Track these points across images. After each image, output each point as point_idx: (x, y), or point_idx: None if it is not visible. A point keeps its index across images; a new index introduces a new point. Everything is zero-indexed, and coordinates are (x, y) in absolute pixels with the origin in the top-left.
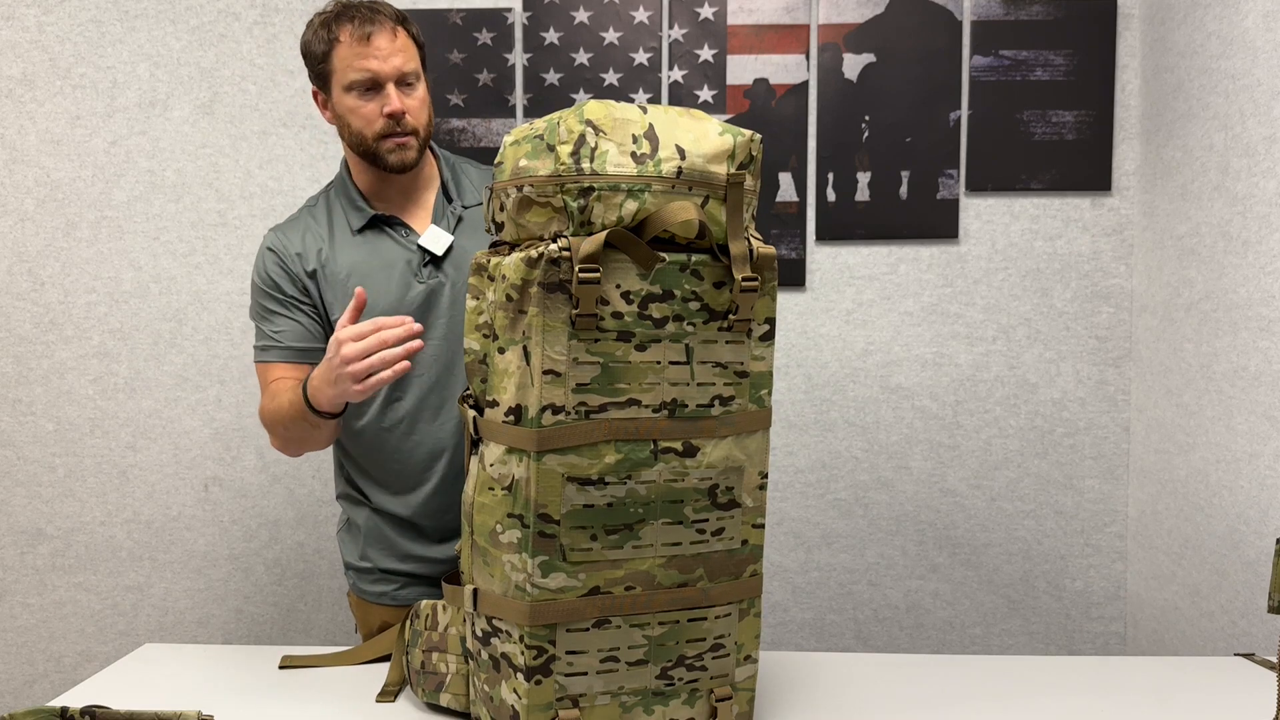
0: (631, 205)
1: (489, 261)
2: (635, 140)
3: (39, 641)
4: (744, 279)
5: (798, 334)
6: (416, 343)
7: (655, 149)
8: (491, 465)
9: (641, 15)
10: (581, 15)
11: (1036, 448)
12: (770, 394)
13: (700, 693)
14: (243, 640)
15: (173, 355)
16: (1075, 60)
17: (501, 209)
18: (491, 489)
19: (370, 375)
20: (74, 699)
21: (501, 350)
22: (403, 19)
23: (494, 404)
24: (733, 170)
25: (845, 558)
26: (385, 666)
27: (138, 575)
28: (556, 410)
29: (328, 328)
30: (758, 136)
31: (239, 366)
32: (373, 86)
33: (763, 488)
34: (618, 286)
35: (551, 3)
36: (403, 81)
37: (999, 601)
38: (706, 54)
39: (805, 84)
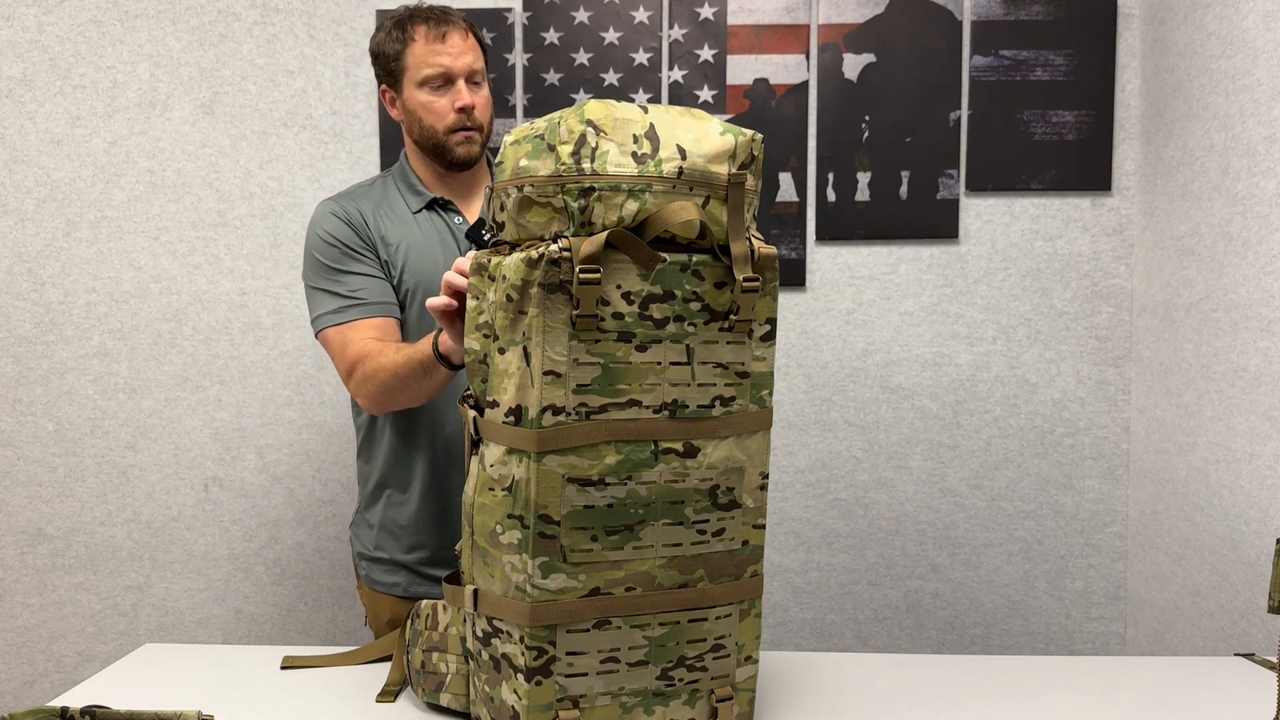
0: (632, 205)
1: (489, 262)
2: (636, 140)
3: (39, 641)
4: (745, 279)
5: (798, 334)
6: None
7: (656, 149)
8: (492, 466)
9: (641, 15)
10: (581, 15)
11: (1036, 448)
12: (771, 394)
13: (701, 693)
14: (243, 640)
15: (173, 355)
16: (1075, 60)
17: (502, 209)
18: (492, 490)
19: None
20: (74, 699)
21: (502, 351)
22: (471, 24)
23: (494, 404)
24: (734, 170)
25: (845, 558)
26: (386, 666)
27: (138, 575)
28: (557, 411)
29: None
30: (759, 136)
31: (239, 366)
32: (445, 83)
33: (763, 488)
34: (618, 287)
35: (551, 3)
36: (471, 79)
37: (999, 601)
38: (706, 54)
39: (805, 84)
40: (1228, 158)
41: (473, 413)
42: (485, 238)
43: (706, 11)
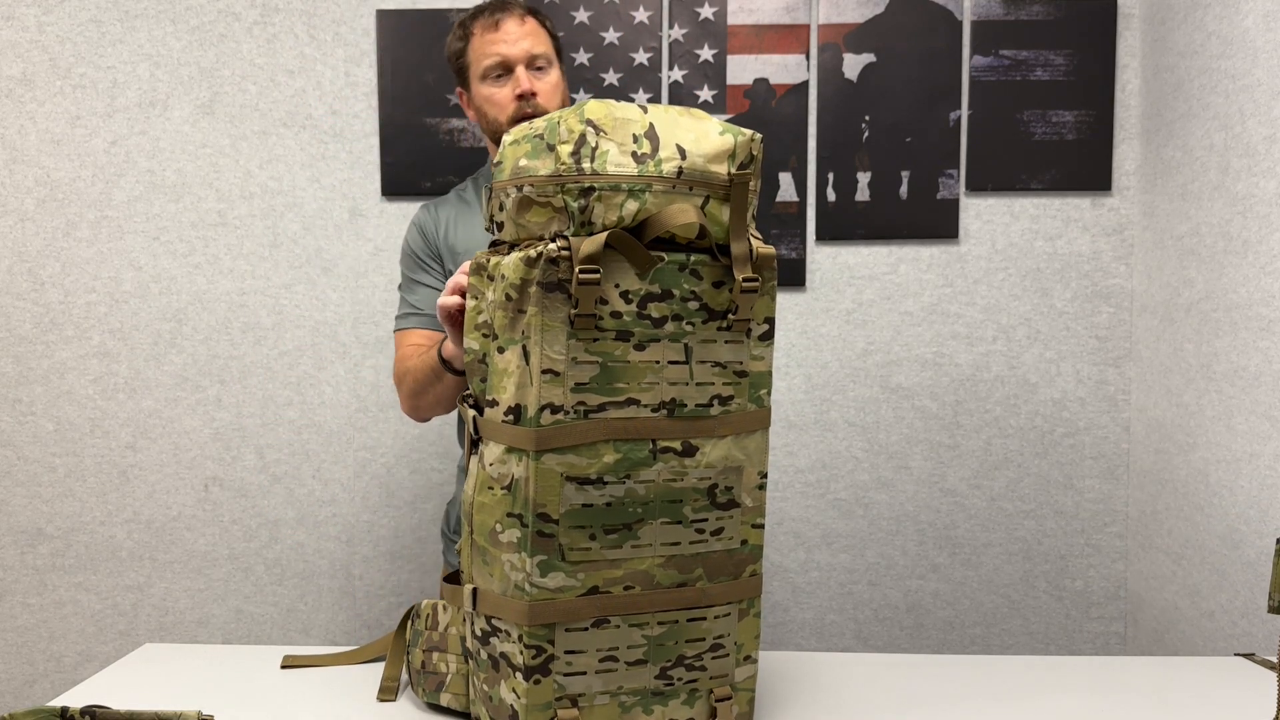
0: (632, 205)
1: (488, 261)
2: (636, 140)
3: (39, 641)
4: (744, 279)
5: (798, 334)
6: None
7: (656, 149)
8: (491, 465)
9: (641, 15)
10: (581, 15)
11: (1036, 448)
12: (769, 394)
13: (700, 693)
14: (243, 640)
15: (173, 355)
16: (1075, 60)
17: (501, 209)
18: (491, 488)
19: None
20: (74, 699)
21: (501, 350)
22: (534, 9)
23: (493, 403)
24: (734, 170)
25: (845, 558)
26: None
27: (138, 575)
28: (555, 410)
29: None
30: (758, 136)
31: (239, 366)
32: (504, 72)
33: (762, 488)
34: (616, 286)
35: (551, 2)
36: (533, 65)
37: (999, 601)
38: (706, 54)
39: (805, 84)
40: (1228, 158)
41: (472, 412)
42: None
43: (706, 11)
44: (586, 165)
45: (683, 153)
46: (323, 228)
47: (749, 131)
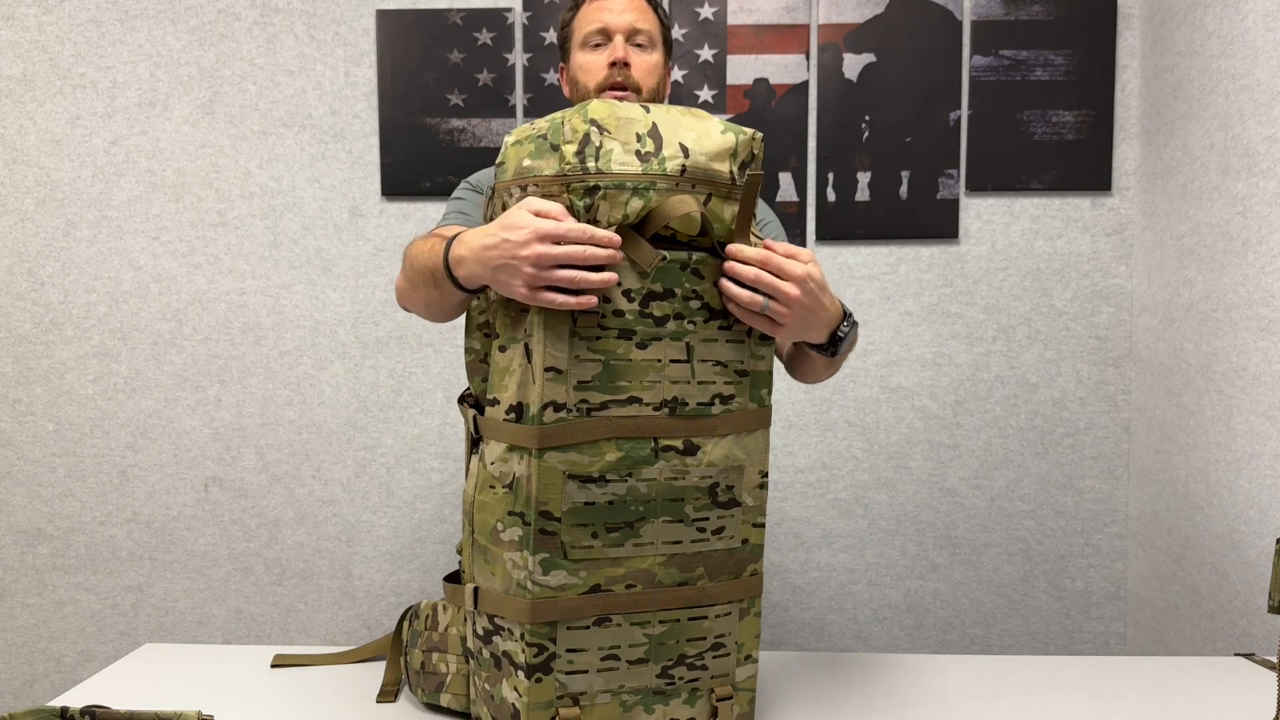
0: (637, 203)
1: None
2: (639, 139)
3: (39, 641)
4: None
5: None
6: (613, 276)
7: (659, 147)
8: (492, 463)
9: None
10: None
11: (1036, 448)
12: (770, 393)
13: (701, 692)
14: (243, 640)
15: (173, 355)
16: (1075, 60)
17: (504, 209)
18: (492, 487)
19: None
20: (74, 699)
21: (502, 348)
22: None
23: (494, 402)
24: (735, 168)
25: (845, 558)
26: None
27: (138, 575)
28: (558, 408)
29: None
30: (759, 135)
31: (239, 366)
32: (603, 40)
33: (763, 487)
34: (619, 285)
35: (551, 3)
36: (634, 39)
37: (999, 601)
38: (706, 54)
39: (805, 84)
40: (1228, 158)
41: (472, 411)
42: None
43: (706, 11)
44: (591, 164)
45: (686, 151)
46: (323, 228)
47: (750, 130)
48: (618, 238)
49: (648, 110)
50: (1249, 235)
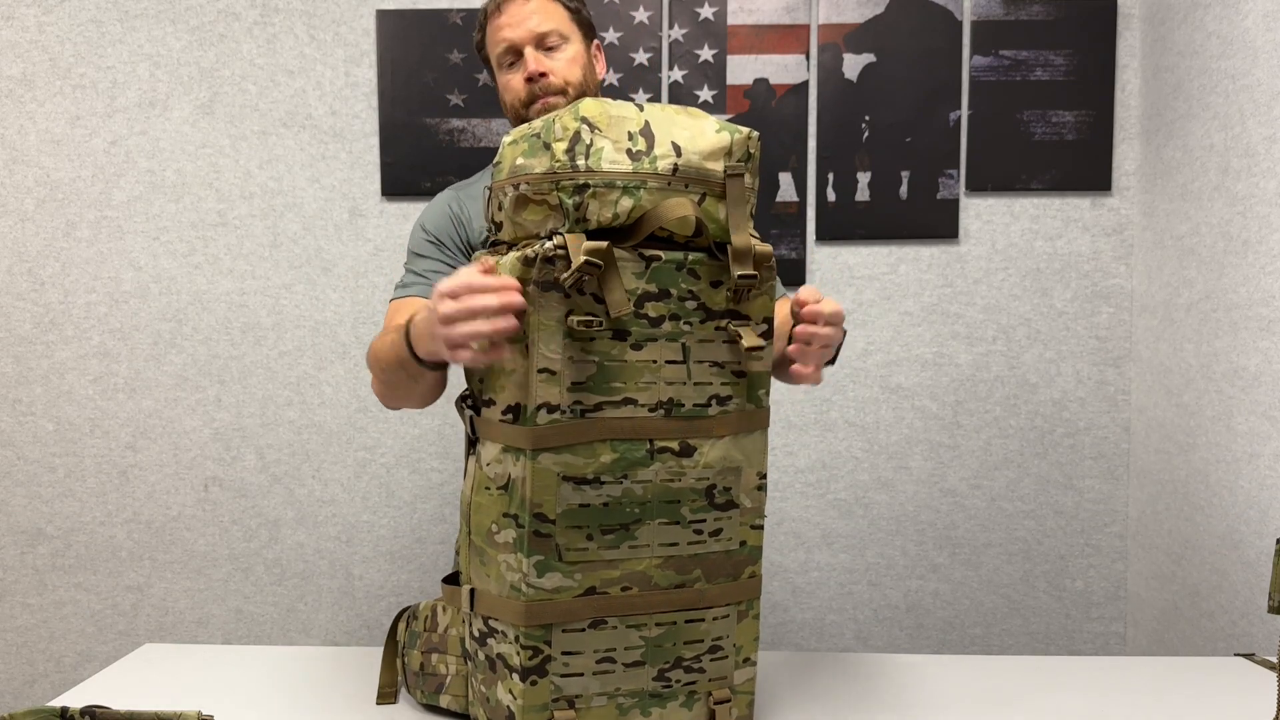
0: (627, 202)
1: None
2: (631, 137)
3: (39, 641)
4: (740, 275)
5: None
6: (509, 321)
7: (651, 146)
8: (488, 464)
9: (641, 15)
10: None
11: (1036, 448)
12: (768, 394)
13: (698, 695)
14: (243, 640)
15: (173, 355)
16: (1075, 60)
17: (500, 208)
18: (488, 488)
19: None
20: (74, 699)
21: None
22: None
23: (490, 403)
24: (729, 168)
25: (845, 558)
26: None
27: (138, 575)
28: (552, 409)
29: None
30: (755, 134)
31: (239, 366)
32: (515, 57)
33: (761, 488)
34: None
35: None
36: (542, 44)
37: (999, 601)
38: (706, 54)
39: (805, 84)
40: (1228, 158)
41: (469, 412)
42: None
43: (706, 11)
44: (581, 162)
45: (678, 150)
46: (323, 228)
47: (746, 129)
48: (513, 282)
49: (641, 109)
50: (1249, 235)
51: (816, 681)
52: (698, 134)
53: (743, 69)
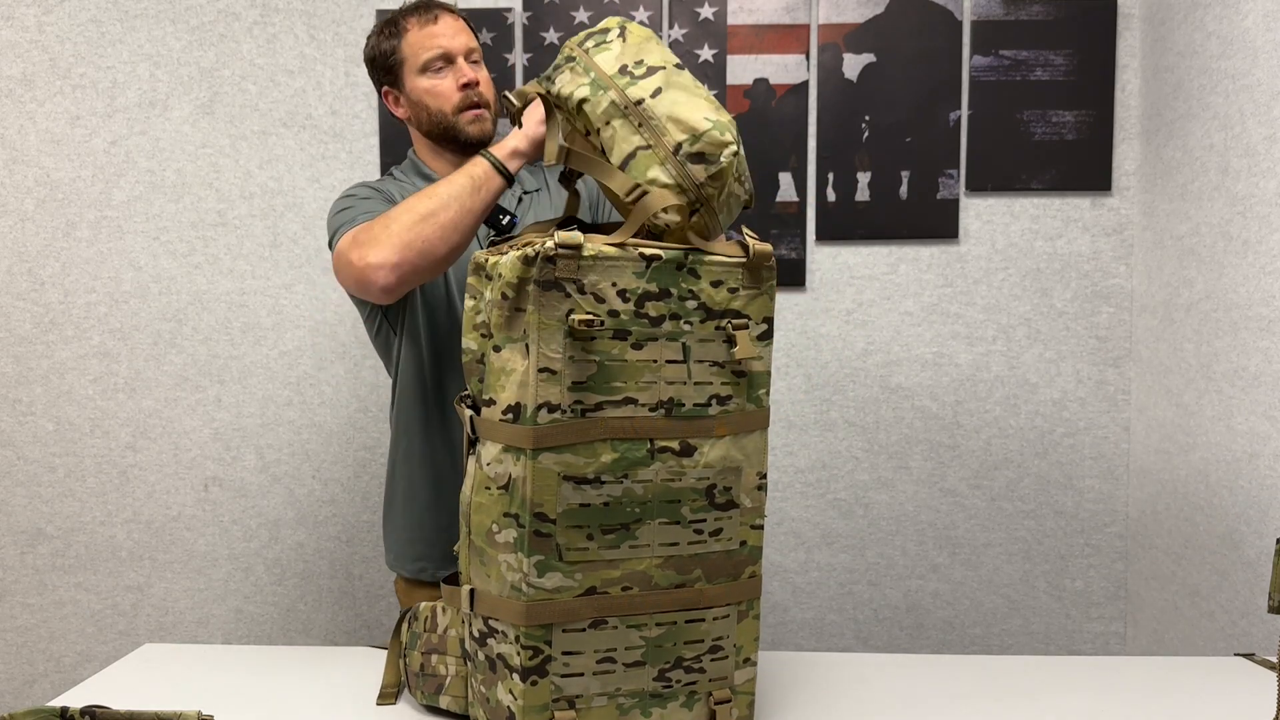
0: (584, 91)
1: (487, 261)
2: (637, 65)
3: (39, 641)
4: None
5: (798, 334)
6: None
7: (642, 75)
8: (488, 464)
9: (641, 15)
10: (581, 15)
11: (1036, 448)
12: (768, 394)
13: (699, 695)
14: (243, 640)
15: (173, 355)
16: (1075, 60)
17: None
18: (488, 488)
19: None
20: (74, 699)
21: (497, 349)
22: (456, 9)
23: (491, 403)
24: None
25: (845, 558)
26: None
27: (138, 575)
28: (552, 409)
29: None
30: (730, 146)
31: (239, 366)
32: (445, 64)
33: (761, 488)
34: (614, 285)
35: (551, 3)
36: (470, 58)
37: (999, 601)
38: (706, 54)
39: (805, 84)
40: (1228, 158)
41: (469, 412)
42: (502, 221)
43: (706, 11)
44: (589, 44)
45: (653, 96)
46: (322, 228)
47: (729, 138)
48: None
49: (680, 67)
50: (1249, 235)
51: (816, 681)
52: (692, 113)
53: (743, 69)
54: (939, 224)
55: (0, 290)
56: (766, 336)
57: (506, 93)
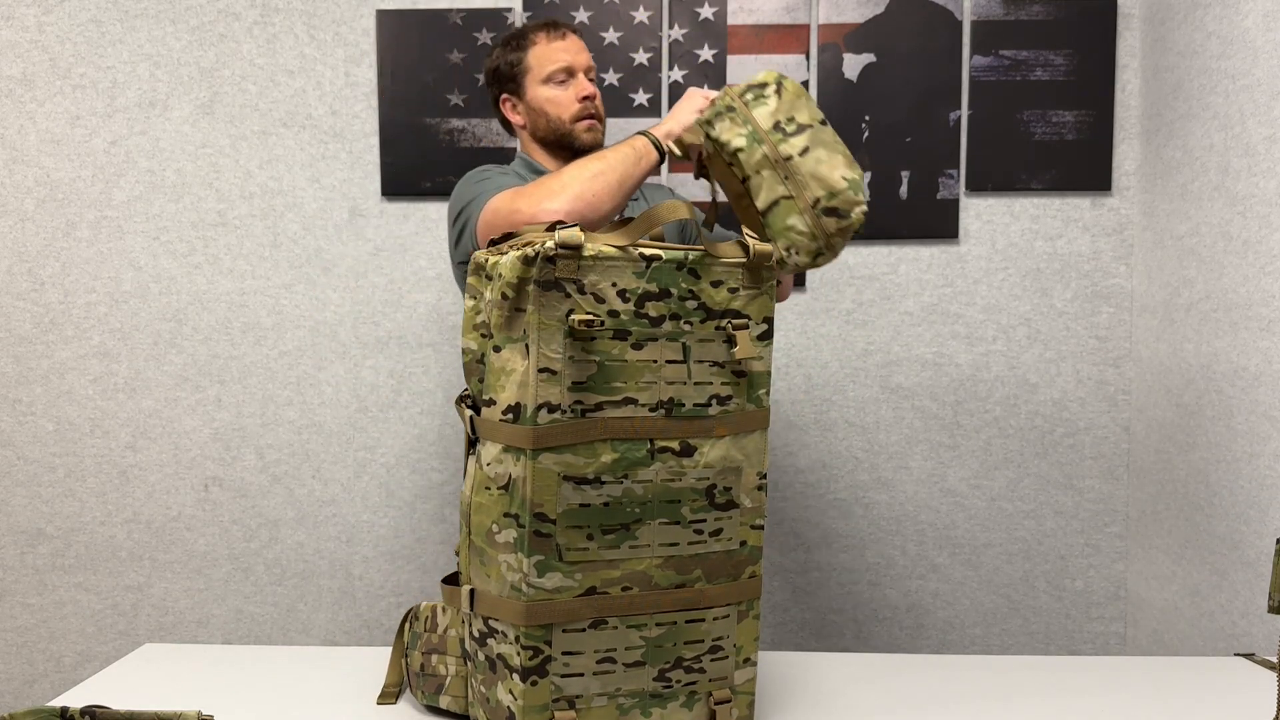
0: (740, 141)
1: (487, 261)
2: (789, 121)
3: (39, 641)
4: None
5: (798, 334)
6: None
7: (792, 132)
8: (488, 464)
9: (641, 15)
10: (581, 15)
11: (1036, 448)
12: (768, 394)
13: (699, 695)
14: (243, 640)
15: (173, 355)
16: (1075, 60)
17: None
18: (488, 488)
19: None
20: (74, 699)
21: (497, 349)
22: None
23: (491, 403)
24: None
25: (845, 558)
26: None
27: (138, 575)
28: (552, 409)
29: None
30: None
31: (239, 366)
32: (567, 77)
33: (761, 488)
34: (614, 285)
35: (551, 3)
36: (588, 74)
37: (999, 601)
38: (706, 54)
39: (805, 84)
40: (1228, 158)
41: (469, 412)
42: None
43: (706, 11)
44: (749, 97)
45: (800, 162)
46: (323, 228)
47: (860, 197)
48: None
49: (824, 123)
50: (1249, 235)
51: (816, 681)
52: (829, 172)
53: (743, 69)
54: (939, 224)
55: (0, 290)
56: (767, 336)
57: (670, 144)
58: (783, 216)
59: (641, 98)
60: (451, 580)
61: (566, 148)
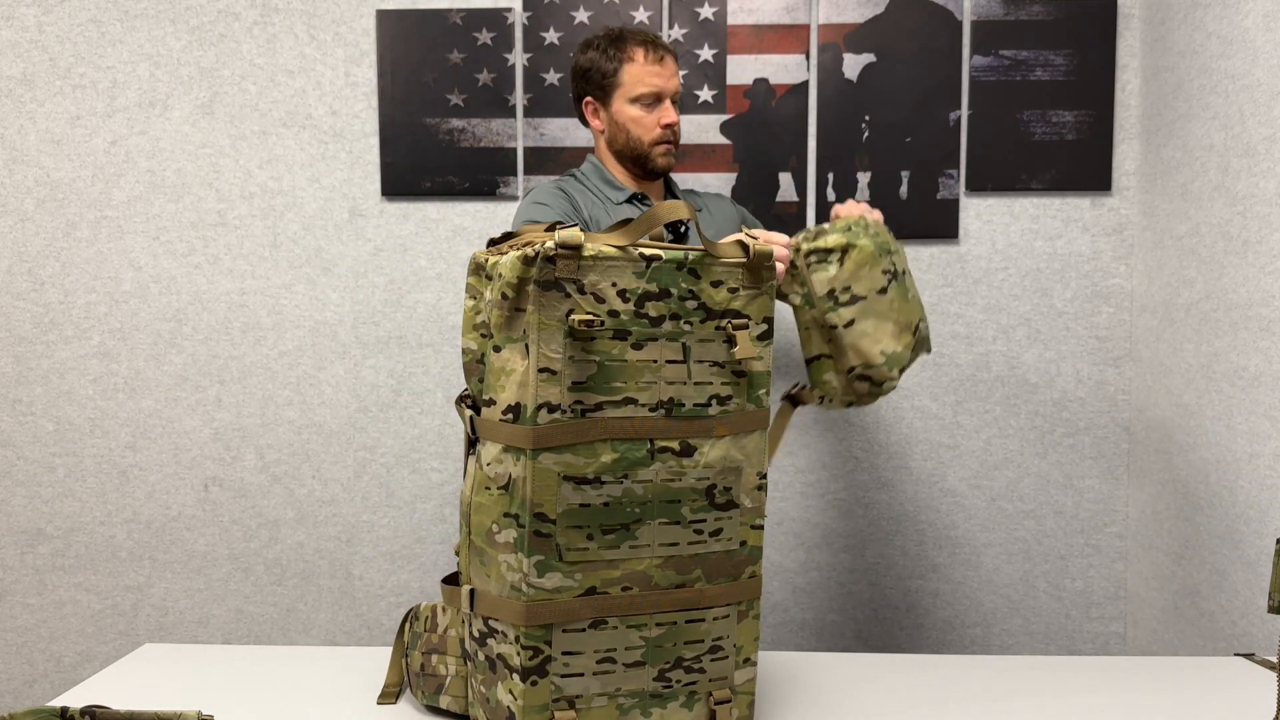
0: (795, 300)
1: (487, 261)
2: (844, 291)
3: (39, 641)
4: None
5: (798, 334)
6: None
7: (844, 307)
8: (488, 464)
9: (641, 15)
10: (581, 15)
11: (1036, 448)
12: (768, 394)
13: (699, 695)
14: (243, 640)
15: (173, 355)
16: (1075, 60)
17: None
18: (488, 488)
19: None
20: (74, 699)
21: (497, 349)
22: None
23: (491, 403)
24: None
25: (845, 558)
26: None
27: (138, 575)
28: (552, 409)
29: None
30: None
31: (239, 366)
32: (655, 101)
33: (761, 488)
34: (614, 285)
35: (551, 3)
36: (674, 100)
37: (999, 601)
38: (706, 54)
39: (805, 84)
40: (1228, 158)
41: (469, 412)
42: (681, 229)
43: (706, 11)
44: (813, 259)
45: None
46: (323, 228)
47: (894, 374)
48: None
49: (880, 295)
50: (1249, 235)
51: (816, 681)
52: (865, 354)
53: (743, 69)
54: (939, 224)
55: (0, 290)
56: (766, 336)
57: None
58: (821, 371)
59: None
60: (451, 580)
61: (640, 165)
